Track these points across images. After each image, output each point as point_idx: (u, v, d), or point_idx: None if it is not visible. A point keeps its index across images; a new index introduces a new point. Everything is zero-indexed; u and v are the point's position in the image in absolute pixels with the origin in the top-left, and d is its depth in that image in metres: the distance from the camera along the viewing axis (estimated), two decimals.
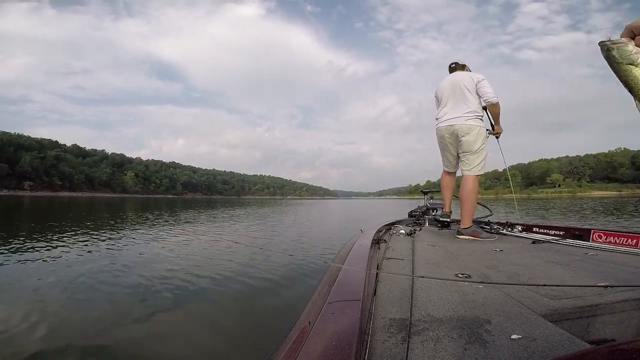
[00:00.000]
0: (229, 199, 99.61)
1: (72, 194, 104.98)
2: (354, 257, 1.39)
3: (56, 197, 63.99)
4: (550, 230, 2.67)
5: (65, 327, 2.26)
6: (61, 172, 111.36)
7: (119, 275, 3.56)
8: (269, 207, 23.56)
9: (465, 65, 2.90)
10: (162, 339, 2.15)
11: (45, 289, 3.05)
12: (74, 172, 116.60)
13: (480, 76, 2.64)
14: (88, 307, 2.64)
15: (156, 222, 10.05)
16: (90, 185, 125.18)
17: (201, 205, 27.75)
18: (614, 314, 0.98)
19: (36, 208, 18.60)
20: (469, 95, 2.64)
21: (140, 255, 4.74)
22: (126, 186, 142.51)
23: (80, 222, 9.73)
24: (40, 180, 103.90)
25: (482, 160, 2.66)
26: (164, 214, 14.64)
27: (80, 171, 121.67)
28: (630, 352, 0.33)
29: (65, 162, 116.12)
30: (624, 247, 2.00)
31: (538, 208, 18.60)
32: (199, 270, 3.82)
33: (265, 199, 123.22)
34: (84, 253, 4.81)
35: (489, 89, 2.60)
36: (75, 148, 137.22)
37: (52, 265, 3.98)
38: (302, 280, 3.42)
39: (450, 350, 0.72)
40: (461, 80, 2.68)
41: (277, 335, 1.26)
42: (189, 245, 5.72)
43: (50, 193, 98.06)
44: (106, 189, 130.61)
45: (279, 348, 0.74)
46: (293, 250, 5.48)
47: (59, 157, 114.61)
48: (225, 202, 43.58)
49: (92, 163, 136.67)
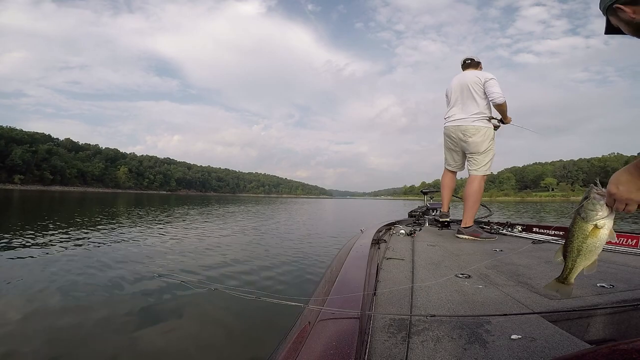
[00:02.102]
0: (224, 196, 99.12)
1: (63, 188, 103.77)
2: (354, 257, 1.39)
3: (47, 191, 63.14)
4: (550, 230, 2.67)
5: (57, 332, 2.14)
6: (53, 166, 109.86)
7: (105, 273, 3.44)
8: (262, 206, 23.41)
9: (480, 63, 2.85)
10: (161, 339, 2.08)
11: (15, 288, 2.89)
12: (65, 166, 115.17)
13: (489, 75, 2.62)
14: (73, 308, 2.52)
15: (149, 218, 9.88)
16: (82, 179, 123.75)
17: (195, 202, 27.48)
18: (614, 314, 0.98)
19: (25, 202, 18.29)
20: (477, 97, 2.63)
21: (132, 252, 4.60)
22: (119, 181, 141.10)
23: (67, 217, 9.52)
24: (32, 174, 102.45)
25: (490, 161, 2.68)
26: (153, 210, 14.43)
27: (73, 165, 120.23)
28: (630, 352, 0.33)
29: (57, 156, 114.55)
30: (624, 247, 2.02)
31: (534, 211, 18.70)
32: (197, 267, 3.75)
33: (260, 197, 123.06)
34: (64, 249, 4.66)
35: (496, 89, 2.58)
36: (68, 142, 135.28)
37: (29, 263, 3.83)
38: (302, 280, 3.38)
39: (450, 350, 0.71)
40: (469, 81, 2.67)
41: (277, 335, 1.25)
42: (189, 241, 5.59)
43: (41, 187, 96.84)
44: (99, 184, 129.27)
45: (279, 348, 0.74)
46: (292, 250, 5.39)
47: (51, 151, 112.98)
48: (220, 199, 43.27)
49: (85, 157, 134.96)
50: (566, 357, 0.58)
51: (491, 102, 2.64)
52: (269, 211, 16.94)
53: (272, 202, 37.58)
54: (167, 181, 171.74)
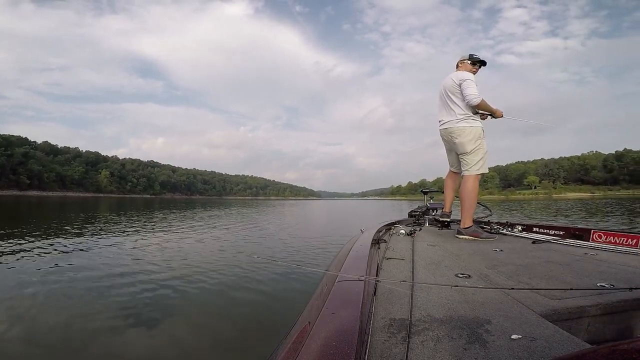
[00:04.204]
0: (210, 199, 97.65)
1: (41, 193, 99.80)
2: (354, 257, 1.38)
3: (23, 196, 60.71)
4: (550, 230, 2.68)
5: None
6: (30, 170, 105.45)
7: (99, 280, 3.31)
8: (249, 209, 23.11)
9: (460, 64, 2.84)
10: (161, 340, 2.12)
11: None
12: (43, 170, 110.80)
13: (464, 76, 2.61)
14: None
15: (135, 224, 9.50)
16: (61, 184, 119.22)
17: (180, 206, 26.86)
18: (614, 314, 0.98)
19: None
20: (455, 99, 2.68)
21: (125, 258, 4.44)
22: (100, 185, 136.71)
23: (43, 222, 9.07)
24: (7, 179, 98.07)
25: (481, 159, 2.67)
26: (137, 214, 13.96)
27: (51, 169, 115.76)
28: (630, 352, 0.33)
29: (34, 159, 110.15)
30: (624, 247, 2.03)
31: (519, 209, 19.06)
32: (194, 274, 3.70)
33: (247, 199, 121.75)
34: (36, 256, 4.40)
35: (470, 90, 2.56)
36: (47, 145, 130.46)
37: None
38: (302, 281, 3.37)
39: (450, 350, 0.72)
40: (447, 84, 2.72)
41: (277, 335, 1.27)
42: (178, 249, 5.47)
43: (17, 192, 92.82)
44: (79, 188, 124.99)
45: (279, 348, 0.74)
46: (291, 253, 5.35)
47: (28, 155, 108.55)
48: (205, 202, 42.56)
49: (64, 161, 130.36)
50: (566, 357, 0.58)
51: (467, 104, 2.62)
52: (255, 214, 16.69)
53: (258, 204, 37.19)
54: (150, 185, 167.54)
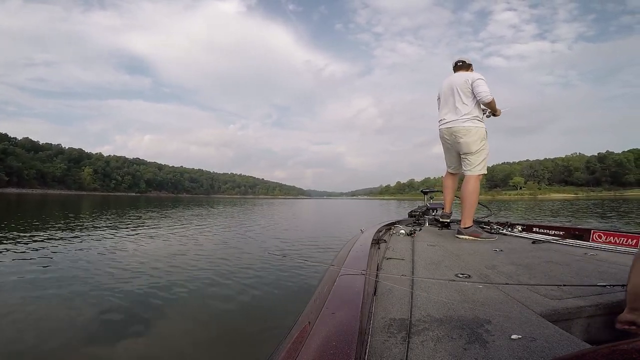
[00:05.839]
0: (197, 197, 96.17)
1: (20, 190, 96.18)
2: (354, 257, 1.38)
3: (2, 194, 58.38)
4: (550, 230, 2.69)
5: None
6: (8, 167, 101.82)
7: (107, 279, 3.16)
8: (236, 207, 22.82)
9: (471, 65, 2.88)
10: (160, 340, 2.10)
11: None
12: (23, 166, 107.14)
13: (477, 76, 2.68)
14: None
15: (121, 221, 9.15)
16: (42, 181, 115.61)
17: (167, 204, 26.27)
18: (614, 314, 0.98)
19: None
20: (465, 98, 2.69)
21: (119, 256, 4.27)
22: (83, 183, 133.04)
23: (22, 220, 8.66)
24: None
25: (483, 160, 2.70)
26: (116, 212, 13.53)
27: (31, 166, 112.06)
28: (630, 352, 0.33)
29: (14, 156, 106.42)
30: (624, 247, 2.03)
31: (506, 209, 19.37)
32: (194, 270, 3.68)
33: (236, 198, 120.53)
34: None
35: (483, 88, 2.61)
36: (27, 142, 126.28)
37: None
38: (302, 281, 3.36)
39: (450, 350, 0.71)
40: (456, 83, 2.72)
41: (277, 335, 1.24)
42: (176, 245, 5.43)
43: None
44: (60, 186, 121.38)
45: (279, 348, 0.74)
46: (290, 251, 5.31)
47: (7, 151, 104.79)
48: (191, 201, 41.85)
49: (45, 158, 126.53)
50: (566, 357, 0.58)
51: (480, 101, 2.68)
52: (248, 213, 16.42)
53: (245, 202, 36.84)
54: (136, 182, 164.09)
